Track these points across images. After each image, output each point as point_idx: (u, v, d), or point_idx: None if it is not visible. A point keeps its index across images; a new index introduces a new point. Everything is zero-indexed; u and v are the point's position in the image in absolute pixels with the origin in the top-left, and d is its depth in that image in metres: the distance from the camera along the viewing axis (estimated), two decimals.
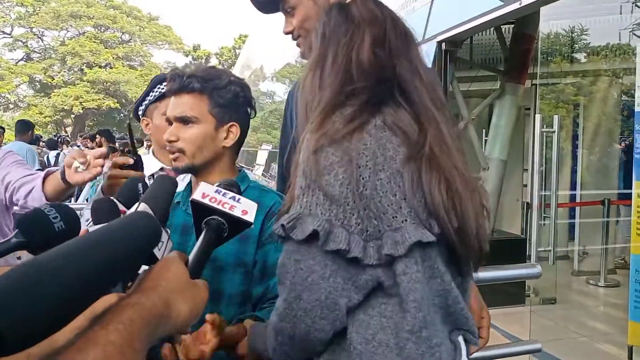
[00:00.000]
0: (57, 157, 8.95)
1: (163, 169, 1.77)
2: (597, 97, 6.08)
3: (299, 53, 1.38)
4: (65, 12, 29.06)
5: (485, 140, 5.28)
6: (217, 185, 0.83)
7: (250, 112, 1.30)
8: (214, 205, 0.76)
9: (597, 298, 5.13)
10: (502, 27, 5.17)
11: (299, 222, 0.77)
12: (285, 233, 0.78)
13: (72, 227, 0.80)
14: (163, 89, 1.65)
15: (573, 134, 6.16)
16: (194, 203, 0.77)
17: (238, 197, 0.79)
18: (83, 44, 28.79)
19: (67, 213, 0.80)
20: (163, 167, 1.78)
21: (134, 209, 0.75)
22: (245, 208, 0.78)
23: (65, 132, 26.46)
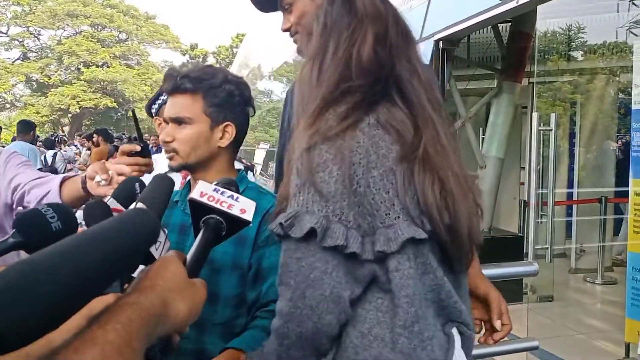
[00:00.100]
0: (54, 156, 8.90)
1: None
2: (594, 95, 6.09)
3: (296, 49, 1.37)
4: (62, 11, 28.96)
5: (483, 139, 5.29)
6: (215, 184, 0.82)
7: (249, 111, 1.28)
8: (212, 204, 0.76)
9: (594, 295, 5.15)
10: (499, 25, 5.18)
11: (297, 220, 0.77)
12: (284, 231, 0.78)
13: (69, 226, 0.79)
14: None
15: (570, 132, 6.18)
16: (192, 202, 0.77)
17: (236, 195, 0.79)
18: (80, 43, 28.71)
19: (64, 213, 0.80)
20: None
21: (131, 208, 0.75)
22: (244, 207, 0.78)
23: (63, 131, 26.42)
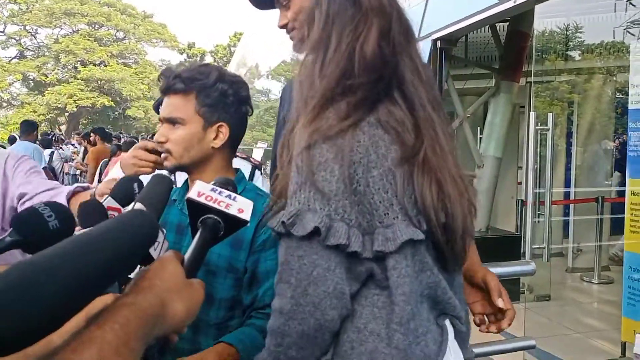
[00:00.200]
0: (51, 155, 8.88)
1: None
2: (591, 94, 6.11)
3: (292, 46, 1.36)
4: (59, 9, 28.89)
5: (480, 138, 5.30)
6: (212, 184, 0.82)
7: (246, 110, 1.27)
8: (210, 204, 0.76)
9: (591, 295, 5.16)
10: (497, 25, 5.18)
11: (299, 218, 0.78)
12: (286, 230, 0.78)
13: (66, 225, 0.80)
14: None
15: (567, 132, 6.19)
16: (190, 202, 0.77)
17: (234, 195, 0.79)
18: (77, 42, 28.65)
19: (61, 212, 0.80)
20: None
21: (130, 209, 0.75)
22: (242, 206, 0.78)
23: (59, 130, 26.33)
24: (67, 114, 29.07)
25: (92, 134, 7.95)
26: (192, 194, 0.77)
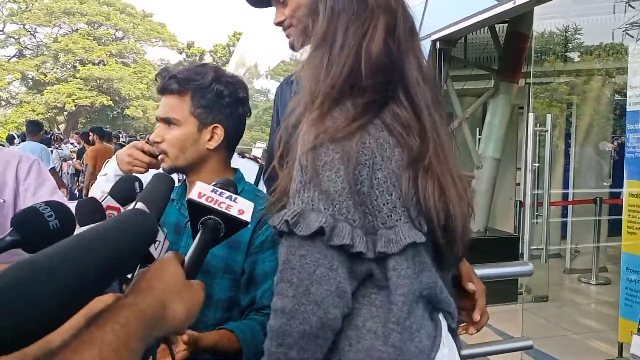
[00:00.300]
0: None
1: None
2: (590, 96, 6.12)
3: (289, 44, 1.33)
4: (58, 8, 28.83)
5: (479, 139, 5.30)
6: (213, 185, 0.82)
7: (244, 111, 1.26)
8: (211, 205, 0.76)
9: (588, 295, 5.17)
10: (496, 26, 5.18)
11: (302, 217, 0.78)
12: (289, 229, 0.78)
13: (67, 225, 0.80)
14: None
15: (566, 133, 6.20)
16: (190, 202, 0.77)
17: (235, 196, 0.79)
18: (76, 41, 28.58)
19: (62, 211, 0.80)
20: None
21: (131, 208, 0.75)
22: (242, 207, 0.78)
23: (58, 129, 26.26)
24: (65, 113, 29.01)
25: (90, 133, 7.96)
26: (192, 195, 0.77)
